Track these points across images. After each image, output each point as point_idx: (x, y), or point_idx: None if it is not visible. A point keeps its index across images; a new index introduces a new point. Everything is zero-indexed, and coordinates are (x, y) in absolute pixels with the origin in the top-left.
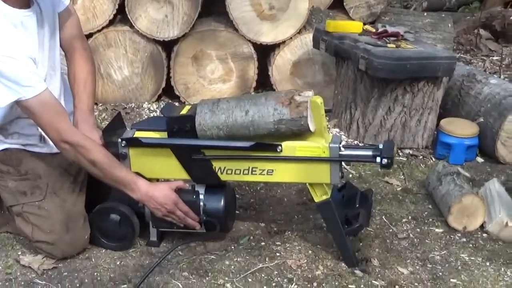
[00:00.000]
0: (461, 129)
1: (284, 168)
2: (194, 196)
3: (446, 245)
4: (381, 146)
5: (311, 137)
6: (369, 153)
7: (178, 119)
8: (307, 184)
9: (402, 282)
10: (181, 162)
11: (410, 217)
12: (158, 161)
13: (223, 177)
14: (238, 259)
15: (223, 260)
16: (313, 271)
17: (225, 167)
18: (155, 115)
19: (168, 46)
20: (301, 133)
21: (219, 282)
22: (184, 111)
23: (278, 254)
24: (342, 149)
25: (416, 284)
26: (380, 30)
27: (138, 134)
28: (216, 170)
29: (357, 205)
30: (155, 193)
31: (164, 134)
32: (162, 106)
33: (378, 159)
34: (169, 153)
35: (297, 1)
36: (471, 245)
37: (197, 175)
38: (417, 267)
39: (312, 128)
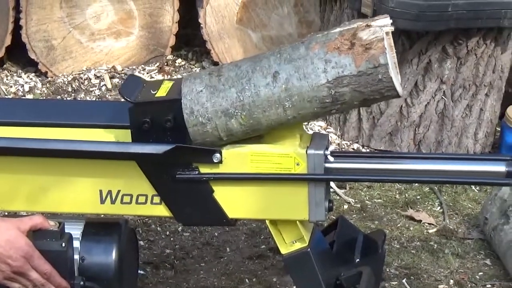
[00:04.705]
0: None
1: (225, 194)
2: (63, 244)
3: None
4: None
5: (271, 138)
6: (500, 167)
7: (152, 106)
8: (266, 222)
9: None
10: (153, 185)
11: (452, 281)
12: (5, 178)
13: (112, 208)
14: None
15: None
16: None
17: (117, 191)
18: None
19: None
20: (382, 98)
21: None
22: (162, 93)
23: None
24: (331, 158)
25: None
26: None
27: None
28: (102, 194)
29: (358, 260)
30: None
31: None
32: (122, 83)
33: None
34: (28, 165)
35: None
36: None
37: (184, 209)
38: None
39: (399, 88)
